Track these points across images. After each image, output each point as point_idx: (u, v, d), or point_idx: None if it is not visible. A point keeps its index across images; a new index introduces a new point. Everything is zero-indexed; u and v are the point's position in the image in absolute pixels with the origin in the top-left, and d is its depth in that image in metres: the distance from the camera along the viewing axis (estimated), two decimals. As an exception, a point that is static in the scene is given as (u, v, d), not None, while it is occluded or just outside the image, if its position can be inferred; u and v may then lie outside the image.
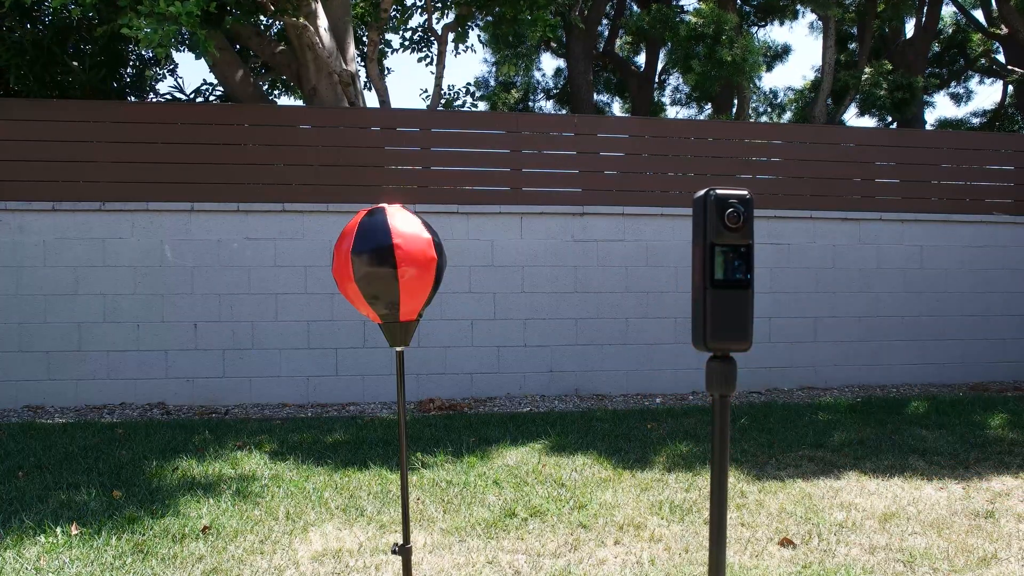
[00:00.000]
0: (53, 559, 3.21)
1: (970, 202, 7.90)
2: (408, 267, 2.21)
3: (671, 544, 3.45)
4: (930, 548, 3.41)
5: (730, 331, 1.19)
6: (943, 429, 5.59)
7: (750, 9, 15.85)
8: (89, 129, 6.67)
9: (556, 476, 4.44)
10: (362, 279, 2.21)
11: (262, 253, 6.81)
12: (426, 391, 6.96)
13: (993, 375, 7.87)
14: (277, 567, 3.21)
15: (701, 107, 18.91)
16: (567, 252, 7.21)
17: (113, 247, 6.64)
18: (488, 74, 18.46)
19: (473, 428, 5.68)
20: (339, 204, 6.85)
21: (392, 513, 3.83)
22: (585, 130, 7.40)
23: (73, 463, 4.62)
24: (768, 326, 7.46)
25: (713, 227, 1.16)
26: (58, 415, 6.28)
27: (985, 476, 4.48)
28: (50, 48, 9.13)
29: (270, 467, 4.62)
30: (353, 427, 5.76)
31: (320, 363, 6.88)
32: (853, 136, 7.93)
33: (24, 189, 6.55)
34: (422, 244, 2.25)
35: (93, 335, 6.62)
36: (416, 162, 7.18)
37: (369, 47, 8.92)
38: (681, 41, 10.00)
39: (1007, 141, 8.18)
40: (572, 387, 7.21)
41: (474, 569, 3.21)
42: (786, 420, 5.92)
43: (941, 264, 7.80)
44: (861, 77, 11.66)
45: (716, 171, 7.47)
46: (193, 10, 5.96)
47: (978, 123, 19.16)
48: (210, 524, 3.62)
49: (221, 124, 6.91)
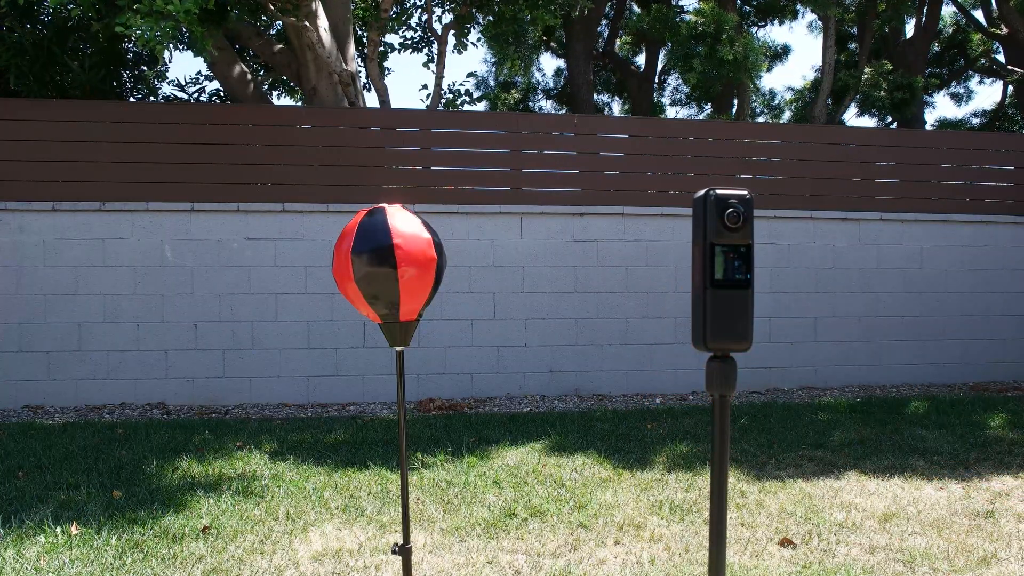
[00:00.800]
0: (53, 559, 3.21)
1: (970, 202, 7.90)
2: (408, 267, 2.21)
3: (671, 544, 3.45)
4: (930, 548, 3.41)
5: (730, 331, 1.19)
6: (943, 429, 5.59)
7: (750, 9, 15.86)
8: (89, 129, 6.67)
9: (556, 476, 4.44)
10: (362, 279, 2.21)
11: (262, 253, 6.81)
12: (426, 391, 6.96)
13: (993, 375, 7.87)
14: (277, 567, 3.21)
15: (701, 107, 18.91)
16: (567, 252, 7.21)
17: (113, 247, 6.64)
18: (488, 74, 18.45)
19: (473, 428, 5.68)
20: (339, 204, 6.85)
21: (392, 513, 3.83)
22: (585, 130, 7.40)
23: (73, 463, 4.62)
24: (768, 326, 7.46)
25: (713, 227, 1.16)
26: (58, 415, 6.28)
27: (985, 476, 4.48)
28: (50, 48, 9.13)
29: (270, 467, 4.62)
30: (353, 427, 5.76)
31: (320, 363, 6.88)
32: (853, 136, 7.93)
33: (24, 189, 6.55)
34: (422, 244, 2.25)
35: (93, 335, 6.62)
36: (416, 162, 7.18)
37: (369, 47, 8.92)
38: (682, 40, 10.00)
39: (1007, 141, 8.18)
40: (572, 387, 7.21)
41: (474, 569, 3.21)
42: (786, 420, 5.91)
43: (941, 264, 7.80)
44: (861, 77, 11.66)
45: (716, 171, 7.47)
46: (191, 7, 5.96)
47: (978, 123, 19.16)
48: (210, 524, 3.62)
49: (221, 124, 6.91)
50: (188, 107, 7.60)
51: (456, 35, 9.74)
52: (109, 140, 6.67)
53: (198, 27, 6.34)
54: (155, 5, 5.97)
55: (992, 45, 16.73)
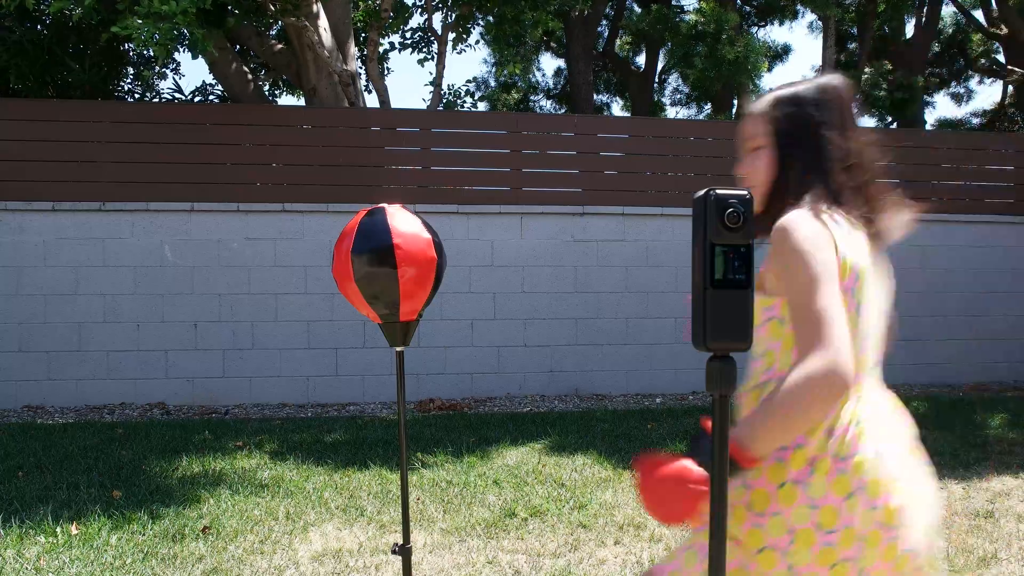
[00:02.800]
0: (53, 559, 3.21)
1: (970, 202, 7.89)
2: (408, 267, 2.21)
3: (671, 544, 3.45)
4: (930, 548, 3.40)
5: (730, 331, 1.19)
6: (943, 429, 5.59)
7: (750, 9, 15.86)
8: (89, 129, 6.66)
9: (556, 476, 4.44)
10: (362, 279, 2.21)
11: (262, 253, 6.80)
12: (426, 391, 6.96)
13: (993, 375, 7.86)
14: (277, 567, 3.21)
15: (701, 107, 18.91)
16: (567, 252, 7.20)
17: (113, 247, 6.64)
18: (488, 74, 18.46)
19: (473, 428, 5.68)
20: (339, 204, 6.85)
21: (392, 513, 3.83)
22: (585, 130, 7.40)
23: (73, 463, 4.62)
24: (768, 326, 7.45)
25: (713, 227, 1.16)
26: (58, 415, 6.28)
27: (985, 476, 4.48)
28: (50, 48, 9.13)
29: (270, 467, 4.62)
30: (353, 427, 5.76)
31: (320, 363, 6.87)
32: (853, 136, 7.90)
33: (24, 189, 6.55)
34: (422, 244, 2.25)
35: (93, 335, 6.61)
36: (416, 162, 7.18)
37: (369, 47, 8.91)
38: (682, 40, 10.01)
39: (1007, 141, 8.18)
40: (572, 387, 7.21)
41: (474, 569, 3.21)
42: (786, 420, 5.91)
43: (941, 264, 7.79)
44: (861, 77, 11.67)
45: (716, 171, 7.46)
46: (188, 8, 5.95)
47: (978, 123, 19.16)
48: (210, 524, 3.62)
49: (221, 124, 6.91)
50: (188, 107, 7.61)
51: (456, 36, 9.75)
52: (109, 140, 6.66)
53: (197, 28, 6.33)
54: (152, 7, 5.96)
55: (992, 45, 16.74)
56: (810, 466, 1.37)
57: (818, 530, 1.34)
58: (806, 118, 1.50)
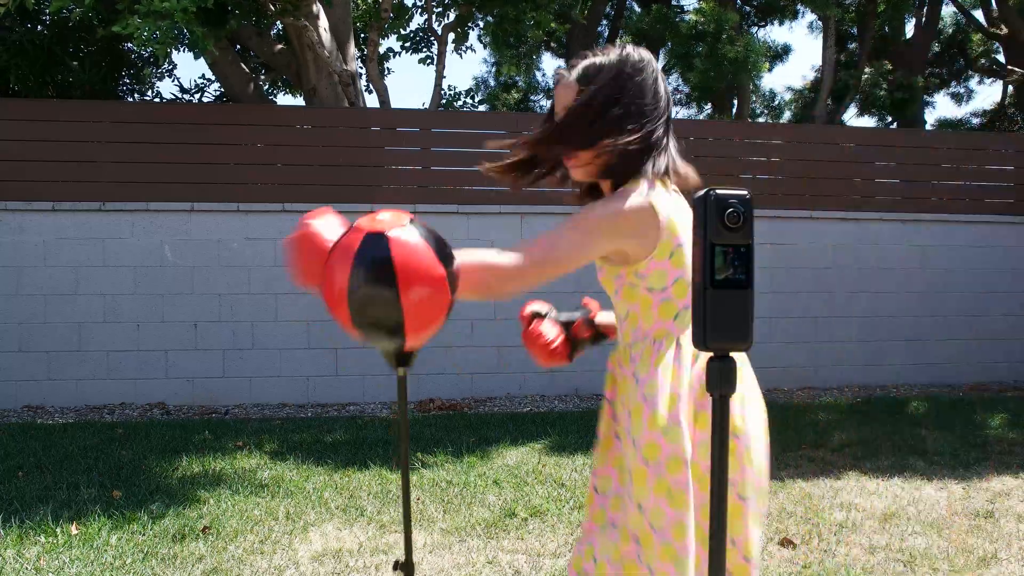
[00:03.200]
0: (53, 559, 3.21)
1: (970, 202, 7.88)
2: (415, 288, 2.14)
3: (671, 544, 3.45)
4: (930, 548, 3.41)
5: (730, 331, 1.19)
6: (943, 429, 5.59)
7: (750, 9, 15.86)
8: (89, 129, 6.66)
9: (556, 476, 4.44)
10: (357, 308, 2.14)
11: (262, 253, 6.80)
12: (426, 391, 6.96)
13: (993, 375, 7.86)
14: (277, 567, 3.21)
15: (701, 107, 18.90)
16: (567, 252, 7.19)
17: (113, 247, 6.64)
18: (488, 74, 18.45)
19: (473, 428, 5.68)
20: (339, 204, 6.81)
21: (392, 513, 3.83)
22: (585, 130, 7.38)
23: (73, 463, 4.62)
24: (768, 326, 7.45)
25: (713, 227, 1.16)
26: (58, 415, 6.28)
27: (985, 476, 4.48)
28: (50, 48, 9.13)
29: (270, 467, 4.62)
30: (353, 427, 5.76)
31: (320, 363, 6.87)
32: (853, 136, 7.92)
33: (24, 189, 6.55)
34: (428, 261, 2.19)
35: (93, 335, 6.61)
36: (416, 162, 7.18)
37: (369, 47, 8.91)
38: (682, 40, 10.01)
39: (1007, 141, 8.18)
40: (572, 387, 7.21)
41: (474, 569, 3.21)
42: (786, 420, 5.91)
43: (941, 264, 7.79)
44: (861, 77, 11.67)
45: (716, 171, 7.46)
46: (188, 6, 5.94)
47: (978, 123, 19.15)
48: (210, 524, 3.62)
49: (221, 124, 6.91)
50: (188, 107, 7.61)
51: (456, 36, 9.74)
52: (109, 140, 6.66)
53: (197, 27, 6.33)
54: (152, 5, 5.96)
55: (992, 45, 16.73)
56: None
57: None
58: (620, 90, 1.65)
